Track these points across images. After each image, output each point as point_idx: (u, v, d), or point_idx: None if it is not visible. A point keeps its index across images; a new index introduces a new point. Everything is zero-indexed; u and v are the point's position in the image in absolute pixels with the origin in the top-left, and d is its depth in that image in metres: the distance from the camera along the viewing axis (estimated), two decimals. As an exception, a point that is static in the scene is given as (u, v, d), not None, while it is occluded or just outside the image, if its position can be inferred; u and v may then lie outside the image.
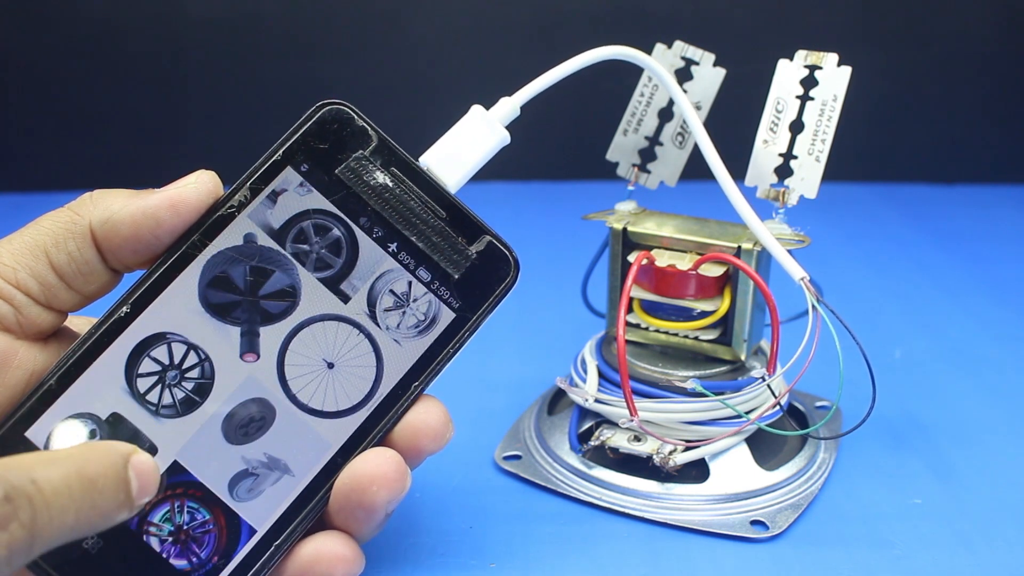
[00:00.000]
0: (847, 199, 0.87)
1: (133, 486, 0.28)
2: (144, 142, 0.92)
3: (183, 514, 0.32)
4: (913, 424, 0.49)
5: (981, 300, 0.66)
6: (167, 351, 0.33)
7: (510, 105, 0.38)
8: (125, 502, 0.28)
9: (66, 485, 0.26)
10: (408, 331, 0.34)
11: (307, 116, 0.34)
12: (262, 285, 0.33)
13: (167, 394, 0.33)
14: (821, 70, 0.42)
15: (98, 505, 0.27)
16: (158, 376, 0.33)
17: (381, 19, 0.89)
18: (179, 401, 0.33)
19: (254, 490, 0.33)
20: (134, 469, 0.28)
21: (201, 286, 0.33)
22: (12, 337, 0.32)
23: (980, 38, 0.89)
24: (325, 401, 0.34)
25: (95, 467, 0.27)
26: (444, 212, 0.35)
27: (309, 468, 0.33)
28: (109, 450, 0.28)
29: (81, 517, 0.26)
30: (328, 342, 0.34)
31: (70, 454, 0.27)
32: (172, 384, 0.33)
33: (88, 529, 0.27)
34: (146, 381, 0.32)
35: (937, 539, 0.40)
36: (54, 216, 0.32)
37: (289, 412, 0.33)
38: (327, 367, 0.34)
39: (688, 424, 0.42)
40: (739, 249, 0.42)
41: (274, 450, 0.33)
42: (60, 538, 0.26)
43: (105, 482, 0.27)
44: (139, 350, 0.33)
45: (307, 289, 0.34)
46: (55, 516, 0.26)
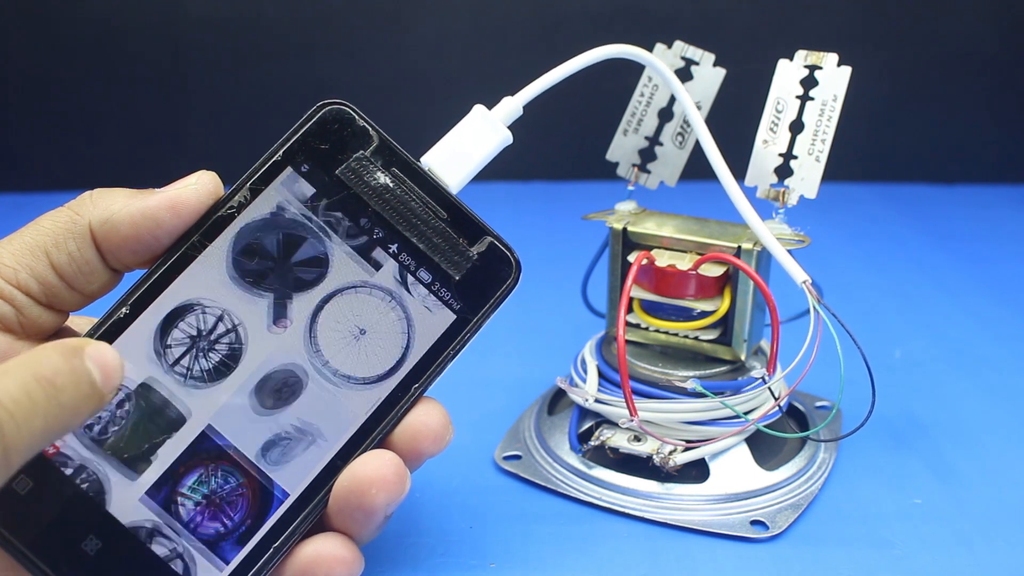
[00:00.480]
0: (847, 199, 0.87)
1: (96, 375, 0.28)
2: (144, 142, 0.92)
3: (215, 479, 0.33)
4: (913, 424, 0.49)
5: (981, 300, 0.66)
6: (197, 319, 0.33)
7: (512, 105, 0.38)
8: (92, 393, 0.28)
9: (24, 391, 0.26)
10: (438, 297, 0.34)
11: (308, 116, 0.34)
12: (293, 253, 0.34)
13: (198, 362, 0.33)
14: (821, 70, 0.42)
15: (64, 403, 0.27)
16: (189, 344, 0.33)
17: (382, 18, 0.89)
18: (210, 369, 0.33)
19: (286, 455, 0.33)
20: (91, 359, 0.28)
21: (232, 255, 0.33)
22: (13, 337, 0.32)
23: (980, 38, 0.89)
24: (356, 368, 0.34)
25: (49, 366, 0.27)
26: (445, 213, 0.35)
27: (339, 435, 0.34)
28: (61, 347, 0.27)
29: (50, 418, 0.26)
30: (359, 310, 0.34)
31: (20, 360, 0.26)
32: (203, 352, 0.33)
33: (62, 429, 0.27)
34: (177, 350, 0.33)
35: (937, 539, 0.40)
36: (54, 216, 0.32)
37: (320, 379, 0.34)
38: (358, 334, 0.34)
39: (688, 424, 0.42)
40: (739, 249, 0.42)
41: (305, 416, 0.33)
42: (35, 444, 0.26)
43: (64, 378, 0.27)
44: (170, 319, 0.33)
45: (338, 257, 0.34)
46: (22, 423, 0.25)
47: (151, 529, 0.32)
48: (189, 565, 0.32)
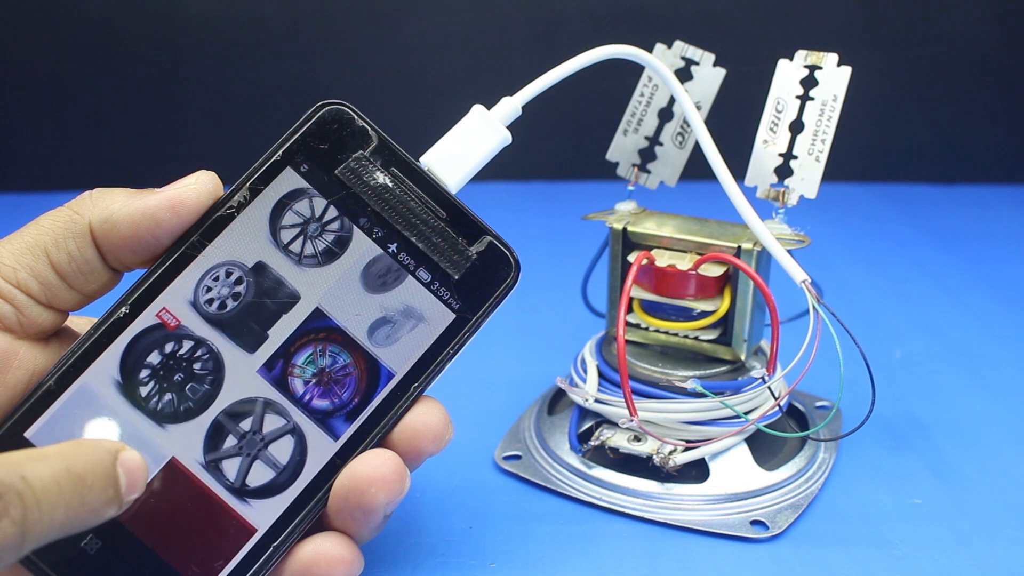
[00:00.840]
0: (847, 199, 0.87)
1: (122, 482, 0.28)
2: (144, 142, 0.92)
3: (325, 358, 0.34)
4: (913, 424, 0.49)
5: (981, 300, 0.66)
6: (308, 205, 0.34)
7: (511, 105, 0.38)
8: (114, 498, 0.28)
9: (55, 482, 0.26)
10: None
11: (307, 116, 0.34)
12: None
13: (309, 245, 0.34)
14: (821, 70, 0.42)
15: (87, 502, 0.27)
16: (300, 228, 0.34)
17: (381, 19, 0.89)
18: (320, 252, 0.34)
19: (391, 336, 0.34)
20: (122, 466, 0.29)
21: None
22: (13, 337, 0.32)
23: (980, 38, 0.89)
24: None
25: (84, 464, 0.27)
26: (444, 212, 0.35)
27: (443, 319, 0.34)
28: (97, 447, 0.28)
29: (71, 513, 0.27)
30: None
31: (59, 451, 0.27)
32: (313, 236, 0.34)
33: (78, 525, 0.27)
34: (289, 232, 0.34)
35: (937, 539, 0.40)
36: (54, 215, 0.32)
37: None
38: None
39: (688, 424, 0.42)
40: (739, 249, 0.42)
41: (411, 300, 0.34)
42: (50, 535, 0.26)
43: (94, 479, 0.27)
44: (282, 203, 0.34)
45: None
46: (45, 513, 0.26)
47: (266, 403, 0.33)
48: (301, 439, 0.33)
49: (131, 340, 0.33)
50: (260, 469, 0.33)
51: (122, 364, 0.33)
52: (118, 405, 0.32)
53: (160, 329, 0.33)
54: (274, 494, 0.33)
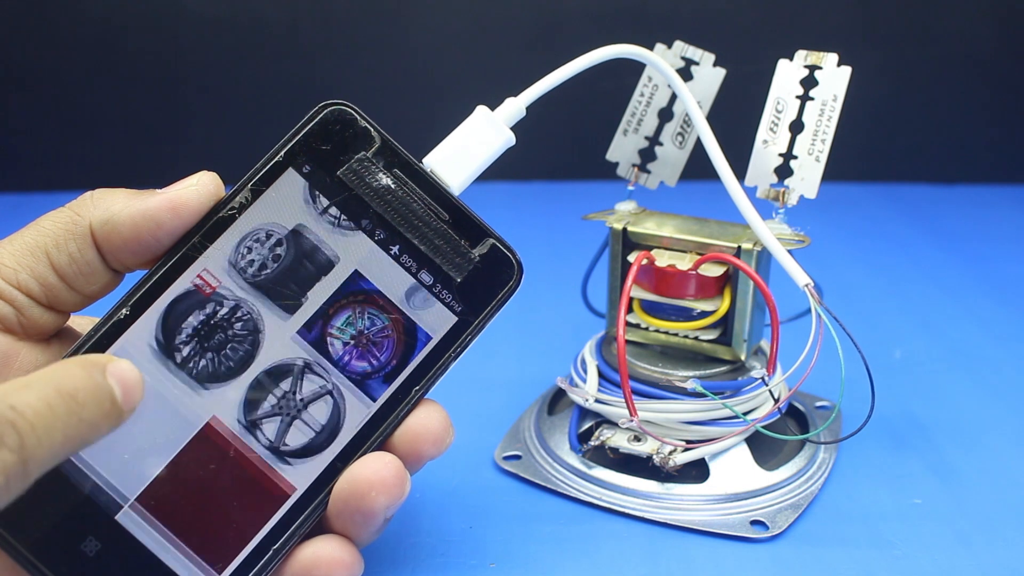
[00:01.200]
0: (847, 199, 0.87)
1: (116, 391, 0.28)
2: (144, 142, 0.92)
3: (363, 320, 0.34)
4: (913, 424, 0.49)
5: (981, 300, 0.66)
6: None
7: (515, 106, 0.38)
8: (112, 410, 0.28)
9: (46, 404, 0.26)
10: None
11: (309, 117, 0.34)
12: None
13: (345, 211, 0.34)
14: (821, 70, 0.42)
15: (84, 418, 0.27)
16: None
17: (384, 19, 0.89)
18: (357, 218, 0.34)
19: (427, 301, 0.34)
20: (113, 376, 0.28)
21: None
22: (14, 338, 0.32)
23: (980, 38, 0.89)
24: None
25: (72, 381, 0.27)
26: (447, 214, 0.34)
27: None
28: (84, 363, 0.28)
29: (70, 432, 0.26)
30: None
31: (43, 374, 0.27)
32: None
33: (81, 442, 0.27)
34: (323, 201, 0.34)
35: (937, 539, 0.40)
36: (54, 216, 0.32)
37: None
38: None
39: (688, 424, 0.42)
40: (739, 249, 0.42)
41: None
42: (53, 457, 0.26)
43: (86, 393, 0.27)
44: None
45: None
46: (42, 436, 0.25)
47: (304, 365, 0.33)
48: (339, 400, 0.34)
49: (170, 303, 0.33)
50: (298, 430, 0.34)
51: (162, 326, 0.33)
52: (157, 367, 0.33)
53: (198, 293, 0.33)
54: (312, 455, 0.34)
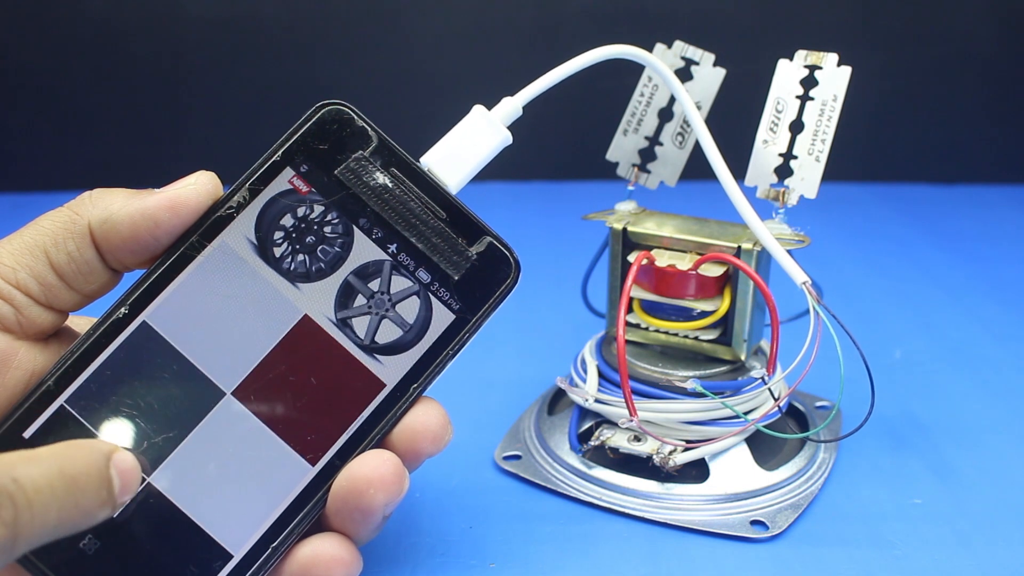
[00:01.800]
0: (847, 199, 0.87)
1: (115, 484, 0.28)
2: (144, 142, 0.92)
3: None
4: (913, 424, 0.49)
5: (981, 300, 0.66)
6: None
7: (512, 105, 0.37)
8: (107, 500, 0.28)
9: (48, 484, 0.26)
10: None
11: (306, 116, 0.34)
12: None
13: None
14: (821, 70, 0.42)
15: (80, 504, 0.27)
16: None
17: (381, 18, 0.89)
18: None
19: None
20: (116, 468, 0.28)
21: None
22: (12, 337, 0.32)
23: (980, 38, 0.89)
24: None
25: (77, 465, 0.27)
26: (444, 213, 0.34)
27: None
28: (91, 448, 0.28)
29: (63, 515, 0.26)
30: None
31: (52, 452, 0.27)
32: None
33: (70, 527, 0.27)
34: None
35: (937, 539, 0.40)
36: (53, 216, 0.32)
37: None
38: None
39: (688, 424, 0.42)
40: (739, 249, 0.42)
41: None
42: (42, 536, 0.26)
43: (87, 481, 0.27)
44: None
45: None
46: (37, 515, 0.25)
47: (393, 265, 0.34)
48: (428, 299, 0.34)
49: (265, 203, 0.34)
50: (388, 327, 0.34)
51: (257, 225, 0.34)
52: (254, 264, 0.33)
53: (292, 194, 0.34)
54: (401, 351, 0.34)
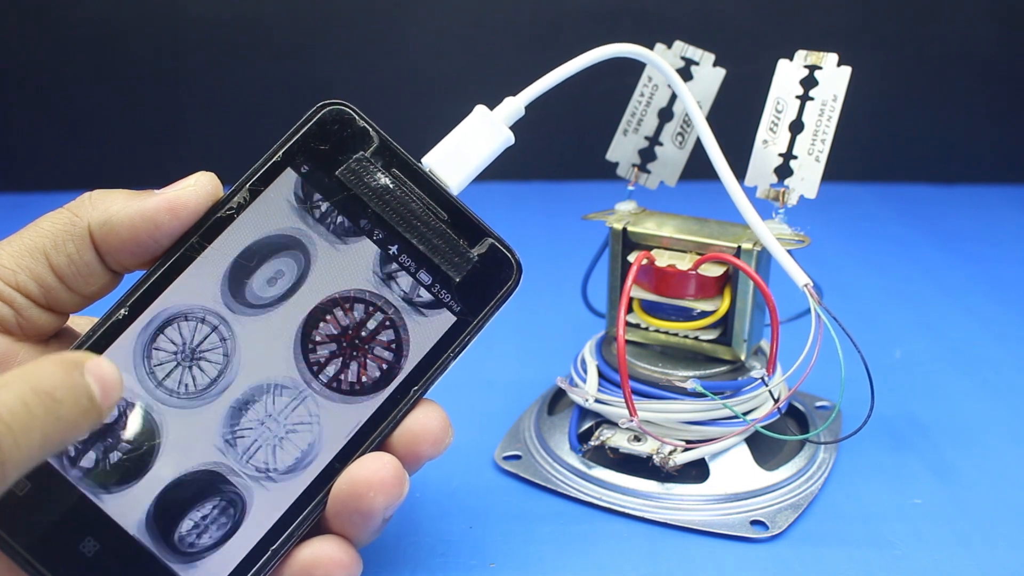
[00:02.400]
0: (847, 199, 0.87)
1: (95, 390, 0.27)
2: (144, 142, 0.92)
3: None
4: (913, 424, 0.49)
5: (981, 300, 0.66)
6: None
7: (514, 105, 0.37)
8: (91, 408, 0.27)
9: (22, 404, 0.25)
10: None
11: (307, 117, 0.34)
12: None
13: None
14: (821, 70, 0.42)
15: (62, 416, 0.26)
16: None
17: (383, 19, 0.89)
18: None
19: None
20: (91, 374, 0.27)
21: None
22: (12, 339, 0.32)
23: (980, 38, 0.89)
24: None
25: (49, 380, 0.26)
26: (446, 214, 0.34)
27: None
28: (61, 361, 0.27)
29: (48, 432, 0.26)
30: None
31: (19, 373, 0.26)
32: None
33: (60, 443, 0.27)
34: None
35: (937, 539, 0.40)
36: (53, 217, 0.32)
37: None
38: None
39: (688, 424, 0.42)
40: (739, 249, 0.42)
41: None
42: (32, 458, 0.26)
43: (64, 392, 0.27)
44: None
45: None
46: (20, 436, 0.25)
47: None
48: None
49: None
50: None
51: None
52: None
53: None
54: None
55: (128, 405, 0.32)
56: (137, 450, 0.32)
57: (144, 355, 0.33)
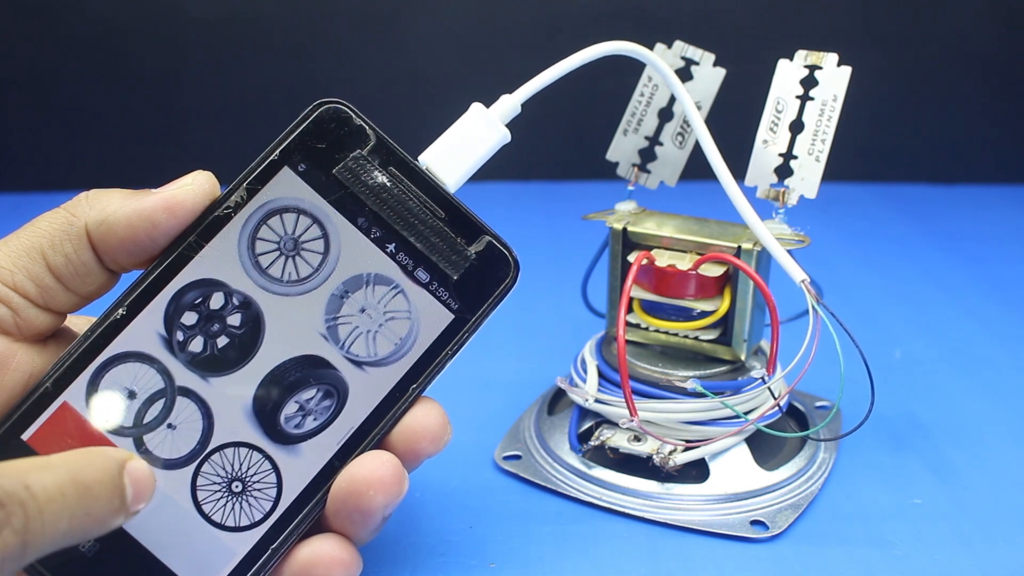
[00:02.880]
0: (847, 199, 0.87)
1: (128, 492, 0.28)
2: (143, 142, 0.92)
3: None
4: (913, 424, 0.49)
5: (981, 300, 0.66)
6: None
7: (511, 102, 0.37)
8: (120, 508, 0.28)
9: (60, 491, 0.26)
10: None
11: (304, 115, 0.34)
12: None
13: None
14: (821, 70, 0.42)
15: (92, 511, 0.27)
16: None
17: (380, 18, 0.89)
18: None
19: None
20: (129, 476, 0.28)
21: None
22: (10, 339, 0.32)
23: (980, 38, 0.89)
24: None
25: (90, 473, 0.27)
26: (443, 212, 0.34)
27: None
28: (104, 456, 0.28)
29: (75, 523, 0.26)
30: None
31: (65, 459, 0.27)
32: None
33: (82, 535, 0.27)
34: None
35: (937, 539, 0.40)
36: (50, 217, 0.32)
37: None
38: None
39: (688, 424, 0.42)
40: (739, 249, 0.42)
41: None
42: (53, 544, 0.26)
43: (100, 488, 0.27)
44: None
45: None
46: (48, 522, 0.25)
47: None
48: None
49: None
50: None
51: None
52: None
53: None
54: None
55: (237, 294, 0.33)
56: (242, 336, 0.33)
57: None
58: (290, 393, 0.33)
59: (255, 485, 0.33)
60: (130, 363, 0.33)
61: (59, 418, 0.32)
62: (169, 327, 0.33)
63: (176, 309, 0.33)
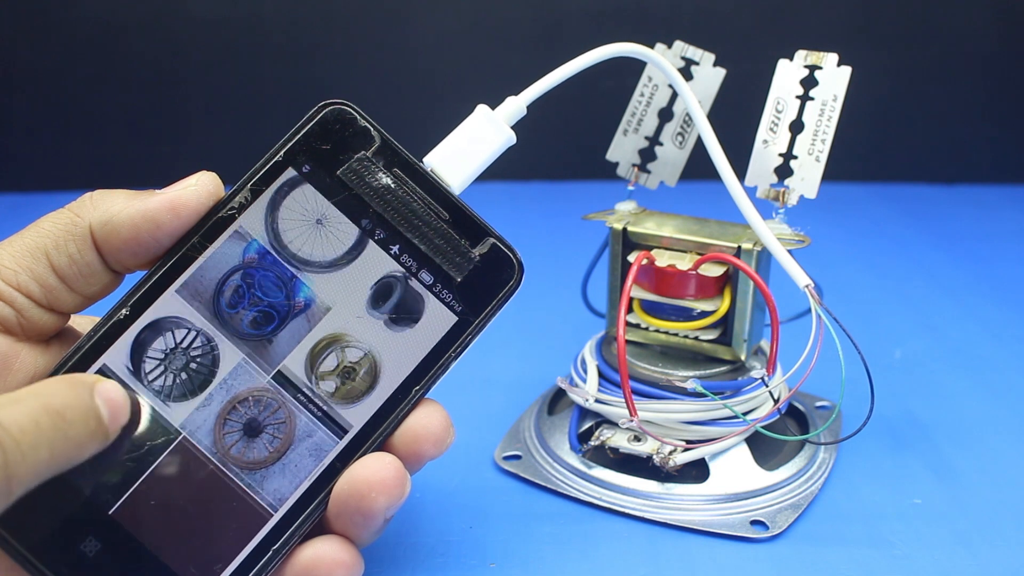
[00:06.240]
0: (847, 199, 0.87)
1: (104, 412, 0.28)
2: (144, 142, 0.92)
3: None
4: (913, 424, 0.49)
5: (981, 300, 0.66)
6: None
7: (516, 104, 0.37)
8: (98, 430, 0.28)
9: (33, 421, 0.26)
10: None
11: (309, 116, 0.34)
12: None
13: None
14: (821, 70, 0.42)
15: (71, 436, 0.27)
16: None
17: (384, 18, 0.89)
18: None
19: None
20: (100, 396, 0.28)
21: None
22: (14, 339, 0.32)
23: (980, 38, 0.89)
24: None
25: (60, 399, 0.27)
26: (447, 214, 0.34)
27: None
28: (73, 381, 0.28)
29: (56, 451, 0.26)
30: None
31: (32, 391, 0.27)
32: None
33: (65, 462, 0.27)
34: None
35: (937, 539, 0.40)
36: (54, 218, 0.32)
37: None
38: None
39: (688, 424, 0.42)
40: (739, 249, 0.42)
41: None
42: (38, 475, 0.26)
43: (74, 413, 0.27)
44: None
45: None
46: (27, 453, 0.25)
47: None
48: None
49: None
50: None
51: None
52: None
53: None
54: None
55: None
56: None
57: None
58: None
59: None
60: None
61: None
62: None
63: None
